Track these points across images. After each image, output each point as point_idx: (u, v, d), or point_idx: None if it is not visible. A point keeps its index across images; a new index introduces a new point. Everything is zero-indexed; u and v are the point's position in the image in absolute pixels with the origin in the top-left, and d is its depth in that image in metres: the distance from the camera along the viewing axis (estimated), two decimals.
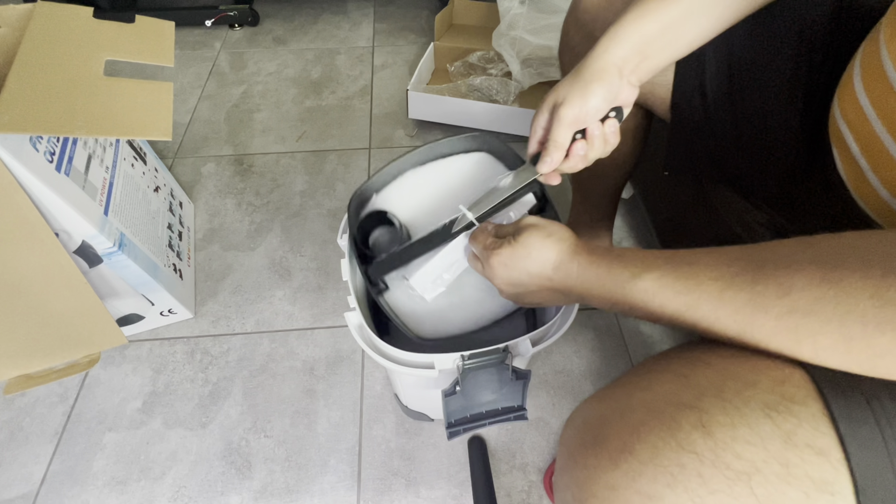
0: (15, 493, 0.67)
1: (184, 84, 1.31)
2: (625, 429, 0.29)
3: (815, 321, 0.26)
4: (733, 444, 0.26)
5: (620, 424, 0.30)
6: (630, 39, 0.43)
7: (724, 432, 0.27)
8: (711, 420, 0.27)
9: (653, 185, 0.90)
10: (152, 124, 0.58)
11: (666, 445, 0.27)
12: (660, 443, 0.27)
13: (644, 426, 0.29)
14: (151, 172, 0.83)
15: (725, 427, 0.27)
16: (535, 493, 0.67)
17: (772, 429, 0.26)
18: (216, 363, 0.79)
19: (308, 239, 0.96)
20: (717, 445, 0.26)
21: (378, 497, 0.67)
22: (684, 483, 0.26)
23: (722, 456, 0.26)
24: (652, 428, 0.28)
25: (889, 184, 0.36)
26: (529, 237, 0.42)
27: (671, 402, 0.29)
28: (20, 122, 0.50)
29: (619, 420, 0.30)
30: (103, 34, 0.64)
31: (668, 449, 0.27)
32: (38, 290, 0.62)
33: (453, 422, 0.54)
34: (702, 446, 0.26)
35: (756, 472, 0.25)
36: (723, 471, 0.26)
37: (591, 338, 0.82)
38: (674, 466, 0.27)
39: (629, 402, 0.31)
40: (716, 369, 0.30)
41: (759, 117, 0.49)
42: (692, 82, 0.51)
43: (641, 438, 0.28)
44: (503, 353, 0.49)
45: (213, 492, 0.67)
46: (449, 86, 1.17)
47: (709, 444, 0.26)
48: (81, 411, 0.74)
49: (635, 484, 0.27)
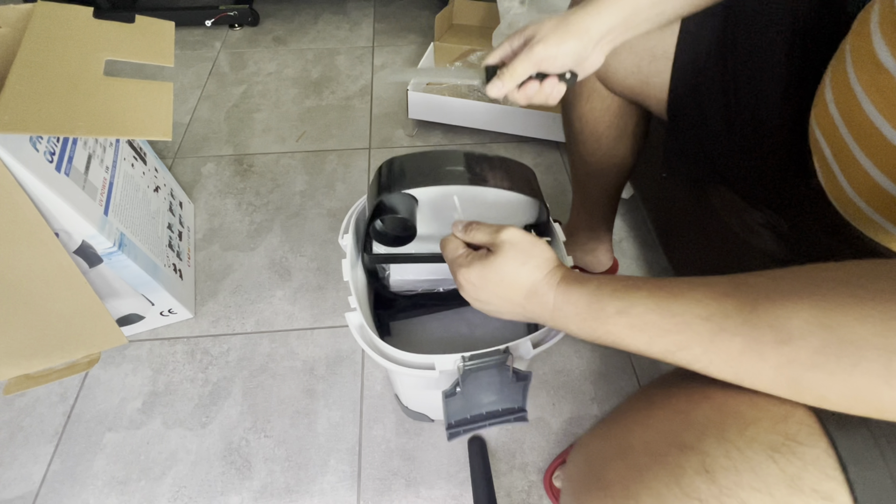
0: (15, 493, 0.67)
1: (184, 84, 1.31)
2: (628, 473, 0.29)
3: (819, 375, 0.24)
4: (738, 491, 0.25)
5: (623, 467, 0.29)
6: (622, 10, 0.43)
7: (727, 477, 0.26)
8: (714, 464, 0.26)
9: (653, 185, 0.90)
10: (152, 124, 0.58)
11: (669, 493, 0.27)
12: (664, 490, 0.27)
13: (648, 471, 0.28)
14: (151, 172, 0.83)
15: (729, 472, 0.26)
16: (535, 493, 0.67)
17: (777, 473, 0.25)
18: (216, 363, 0.79)
19: (308, 239, 0.96)
20: (721, 492, 0.25)
21: (378, 497, 0.67)
22: None
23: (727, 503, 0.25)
24: (655, 473, 0.28)
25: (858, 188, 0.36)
26: (504, 259, 0.38)
27: (673, 444, 0.28)
28: (20, 122, 0.50)
29: (622, 461, 0.29)
30: (103, 34, 0.63)
31: (672, 496, 0.26)
32: (38, 290, 0.62)
33: (453, 423, 0.54)
34: (706, 493, 0.26)
35: None
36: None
37: None
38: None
39: (630, 440, 0.30)
40: (715, 404, 0.29)
41: (752, 118, 0.49)
42: (688, 82, 0.52)
43: (646, 485, 0.27)
44: (504, 355, 0.49)
45: (213, 492, 0.67)
46: (449, 86, 1.16)
47: (713, 490, 0.26)
48: (81, 411, 0.74)
49: None
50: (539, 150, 1.13)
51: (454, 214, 0.60)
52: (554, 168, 1.09)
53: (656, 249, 0.95)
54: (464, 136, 1.16)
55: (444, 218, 0.61)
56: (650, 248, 0.95)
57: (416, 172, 0.54)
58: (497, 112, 1.09)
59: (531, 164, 1.09)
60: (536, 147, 1.14)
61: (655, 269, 0.92)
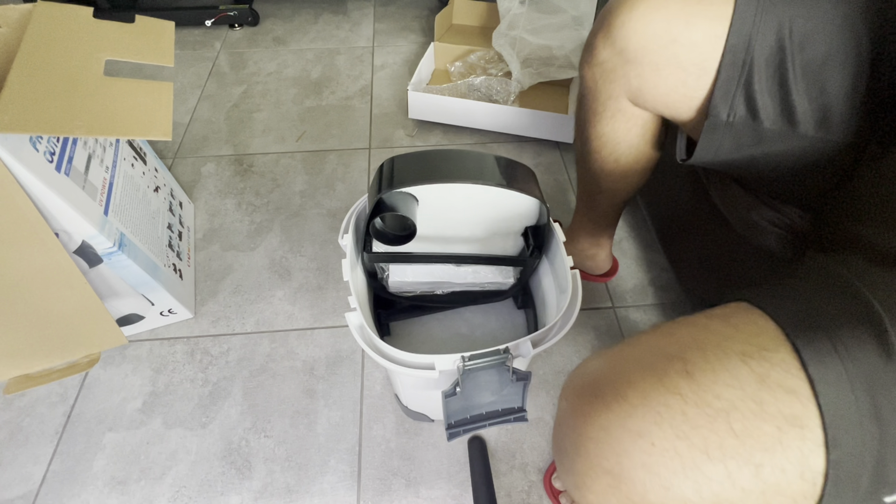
0: (15, 493, 0.67)
1: (184, 84, 1.31)
2: (618, 379, 0.32)
3: None
4: (713, 387, 0.29)
5: (614, 376, 0.33)
6: None
7: (705, 377, 0.30)
8: (695, 367, 0.30)
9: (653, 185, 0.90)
10: (152, 124, 0.58)
11: (654, 390, 0.30)
12: (649, 388, 0.30)
13: (636, 375, 0.32)
14: (151, 172, 0.83)
15: (707, 372, 0.30)
16: (535, 492, 0.67)
17: (748, 372, 0.29)
18: (216, 363, 0.79)
19: (308, 239, 0.96)
20: (699, 388, 0.29)
21: (378, 497, 0.67)
22: (669, 420, 0.29)
23: (703, 396, 0.29)
24: (643, 376, 0.31)
25: None
26: None
27: (659, 354, 0.32)
28: (20, 122, 0.50)
29: (612, 373, 0.33)
30: (103, 34, 0.63)
31: (656, 393, 0.30)
32: (38, 290, 0.62)
33: (453, 423, 0.54)
34: (685, 389, 0.30)
35: (734, 409, 0.28)
36: (704, 409, 0.29)
37: (591, 338, 0.82)
38: (660, 406, 0.29)
39: (622, 357, 0.34)
40: (697, 326, 0.33)
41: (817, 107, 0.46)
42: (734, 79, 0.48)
43: (632, 385, 0.31)
44: (504, 355, 0.49)
45: (213, 492, 0.67)
46: (449, 86, 1.17)
47: (692, 386, 0.29)
48: (81, 411, 0.74)
49: (626, 423, 0.30)
50: (539, 150, 1.13)
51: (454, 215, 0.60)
52: (554, 168, 1.09)
53: (656, 249, 0.95)
54: (464, 136, 1.16)
55: (444, 218, 0.61)
56: (650, 248, 0.95)
57: (416, 171, 0.54)
58: (497, 112, 1.09)
59: (531, 164, 1.09)
60: (536, 147, 1.14)
61: (655, 269, 0.92)
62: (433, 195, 0.57)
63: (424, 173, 0.54)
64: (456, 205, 0.59)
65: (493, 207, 0.60)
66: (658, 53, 0.49)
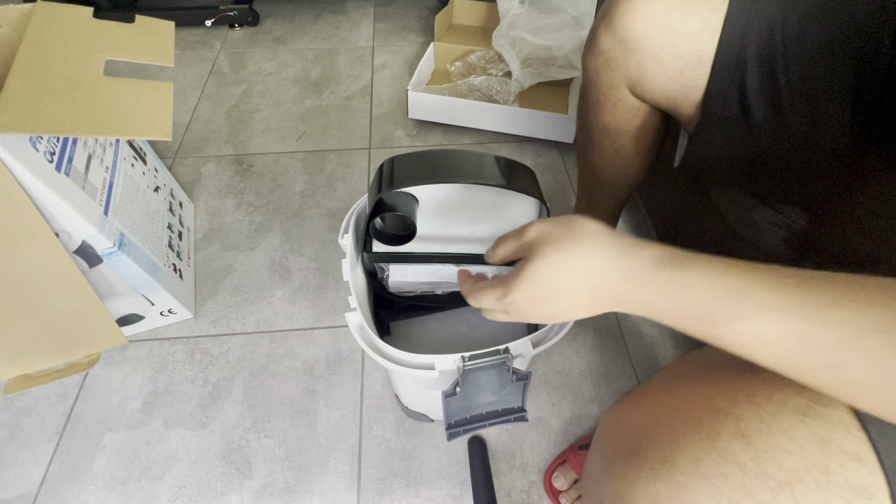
0: (15, 493, 0.67)
1: (184, 84, 1.31)
2: (663, 438, 0.29)
3: None
4: (773, 453, 0.26)
5: (658, 433, 0.29)
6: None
7: (762, 440, 0.26)
8: (749, 428, 0.27)
9: (653, 185, 0.90)
10: (152, 124, 0.58)
11: (707, 456, 0.27)
12: (701, 453, 0.27)
13: (683, 436, 0.28)
14: (151, 172, 0.83)
15: (763, 434, 0.26)
16: (535, 492, 0.67)
17: (808, 435, 0.26)
18: (216, 363, 0.79)
19: (308, 239, 0.96)
20: (758, 455, 0.26)
21: (378, 497, 0.67)
22: (729, 495, 0.26)
23: (764, 466, 0.26)
24: (691, 438, 0.28)
25: None
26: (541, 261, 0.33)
27: (706, 409, 0.28)
28: (20, 122, 0.50)
29: (656, 428, 0.30)
30: (103, 34, 0.63)
31: (710, 459, 0.27)
32: (38, 290, 0.62)
33: (453, 423, 0.54)
34: (743, 456, 0.26)
35: (799, 482, 0.25)
36: (766, 481, 0.25)
37: (591, 338, 0.82)
38: (717, 478, 0.26)
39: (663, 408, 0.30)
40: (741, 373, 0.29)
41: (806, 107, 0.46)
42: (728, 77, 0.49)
43: (681, 449, 0.28)
44: (504, 355, 0.49)
45: (213, 492, 0.67)
46: (449, 86, 1.17)
47: (749, 453, 0.26)
48: (81, 411, 0.74)
49: (679, 496, 0.26)
50: (539, 150, 1.13)
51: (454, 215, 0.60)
52: (554, 168, 1.09)
53: None
54: (464, 136, 1.16)
55: (444, 218, 0.61)
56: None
57: (416, 170, 0.54)
58: (497, 112, 1.09)
59: (531, 164, 1.09)
60: (536, 147, 1.14)
61: None
62: (433, 195, 0.57)
63: (424, 173, 0.54)
64: (456, 205, 0.59)
65: (493, 207, 0.60)
66: (657, 42, 0.50)
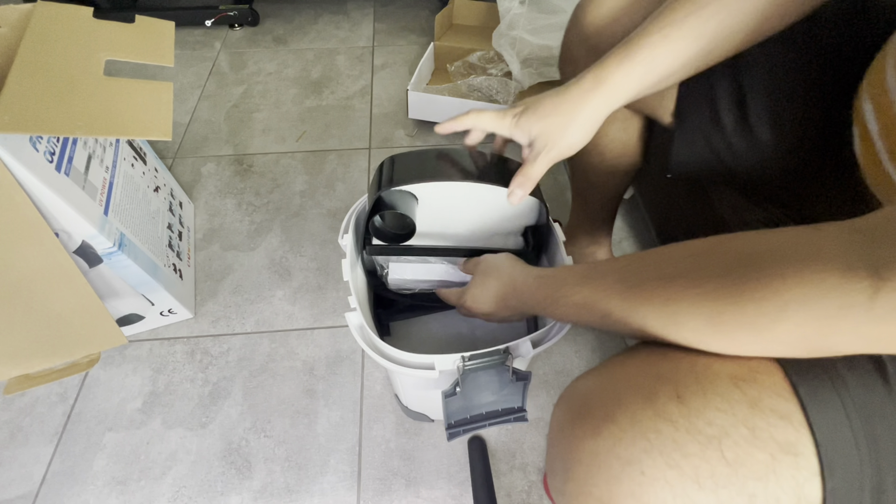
0: (15, 493, 0.67)
1: (184, 84, 1.31)
2: (608, 399, 0.31)
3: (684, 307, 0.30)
4: (705, 412, 0.28)
5: (604, 397, 0.32)
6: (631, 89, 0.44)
7: (696, 401, 0.29)
8: (686, 390, 0.29)
9: (652, 185, 0.90)
10: (152, 124, 0.58)
11: (644, 414, 0.29)
12: (638, 412, 0.29)
13: (626, 397, 0.31)
14: (151, 172, 0.83)
15: (697, 395, 0.29)
16: (535, 492, 0.67)
17: (739, 396, 0.28)
18: (216, 363, 0.79)
19: (308, 239, 0.96)
20: (690, 413, 0.28)
21: (378, 497, 0.67)
22: (660, 447, 0.28)
23: (695, 422, 0.28)
24: (633, 399, 0.30)
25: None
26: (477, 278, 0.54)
27: (650, 375, 0.31)
28: (20, 122, 0.50)
29: (603, 393, 0.32)
30: (103, 34, 0.63)
31: (646, 417, 0.29)
32: (38, 290, 0.62)
33: (453, 423, 0.54)
34: (676, 414, 0.29)
35: (726, 436, 0.27)
36: (695, 436, 0.28)
37: (591, 338, 0.82)
38: (650, 433, 0.28)
39: (612, 377, 0.34)
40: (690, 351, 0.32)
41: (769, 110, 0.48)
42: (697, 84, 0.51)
43: (622, 408, 0.30)
44: (504, 355, 0.49)
45: (213, 492, 0.67)
46: (449, 86, 1.16)
47: (682, 411, 0.29)
48: (81, 411, 0.74)
49: (615, 449, 0.29)
50: None
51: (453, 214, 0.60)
52: (554, 168, 1.09)
53: None
54: (464, 135, 1.16)
55: (443, 217, 0.61)
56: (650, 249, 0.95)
57: (416, 169, 0.54)
58: None
59: None
60: None
61: None
62: (433, 194, 0.57)
63: (424, 172, 0.54)
64: (455, 204, 0.59)
65: (493, 207, 0.60)
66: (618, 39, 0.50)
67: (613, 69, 0.44)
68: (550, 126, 0.47)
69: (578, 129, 0.46)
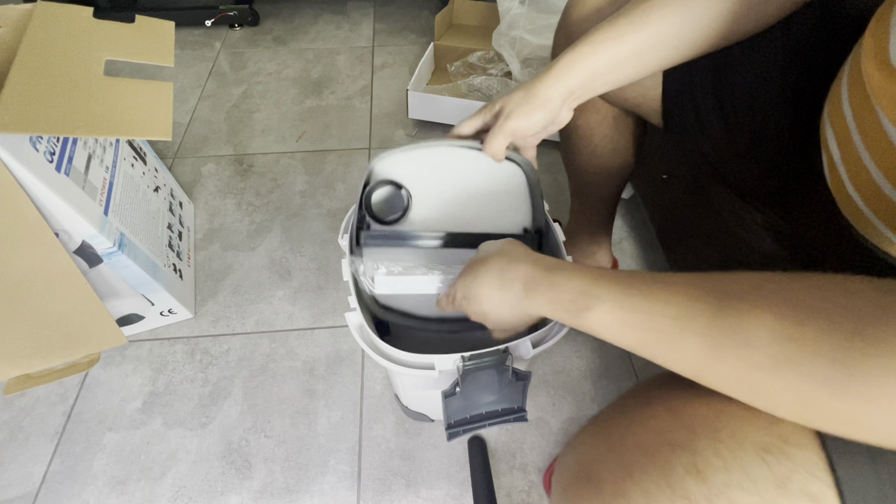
0: (15, 493, 0.67)
1: (184, 84, 1.31)
2: (619, 470, 0.29)
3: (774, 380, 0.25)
4: (727, 491, 0.25)
5: (614, 464, 0.29)
6: (580, 73, 0.46)
7: (717, 477, 0.26)
8: (705, 463, 0.26)
9: (653, 186, 0.90)
10: (152, 124, 0.58)
11: (660, 491, 0.27)
12: (654, 488, 0.27)
13: (639, 469, 0.28)
14: (151, 172, 0.83)
15: (719, 471, 0.26)
16: (535, 493, 0.67)
17: (766, 474, 0.25)
18: (216, 363, 0.79)
19: (308, 239, 0.96)
20: (710, 492, 0.26)
21: (378, 497, 0.67)
22: None
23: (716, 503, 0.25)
24: (646, 472, 0.28)
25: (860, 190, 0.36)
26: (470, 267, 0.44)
27: (665, 442, 0.28)
28: (20, 122, 0.50)
29: (613, 460, 0.30)
30: (103, 34, 0.63)
31: (662, 495, 0.27)
32: (38, 290, 0.62)
33: (453, 423, 0.53)
34: (695, 492, 0.26)
35: None
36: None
37: (591, 338, 0.82)
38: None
39: (622, 439, 0.30)
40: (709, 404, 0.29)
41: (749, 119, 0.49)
42: (681, 89, 0.52)
43: (636, 483, 0.28)
44: (504, 355, 0.49)
45: (213, 492, 0.67)
46: (449, 86, 1.16)
47: (703, 490, 0.26)
48: (81, 411, 0.74)
49: None
50: (538, 150, 1.13)
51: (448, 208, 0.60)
52: (554, 168, 1.09)
53: (656, 249, 0.95)
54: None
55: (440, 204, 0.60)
56: (650, 248, 0.95)
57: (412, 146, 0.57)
58: None
59: None
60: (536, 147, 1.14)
61: (655, 269, 0.92)
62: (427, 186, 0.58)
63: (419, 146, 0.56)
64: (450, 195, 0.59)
65: (493, 207, 0.60)
66: None
67: (566, 52, 0.46)
68: (512, 97, 0.49)
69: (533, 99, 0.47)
